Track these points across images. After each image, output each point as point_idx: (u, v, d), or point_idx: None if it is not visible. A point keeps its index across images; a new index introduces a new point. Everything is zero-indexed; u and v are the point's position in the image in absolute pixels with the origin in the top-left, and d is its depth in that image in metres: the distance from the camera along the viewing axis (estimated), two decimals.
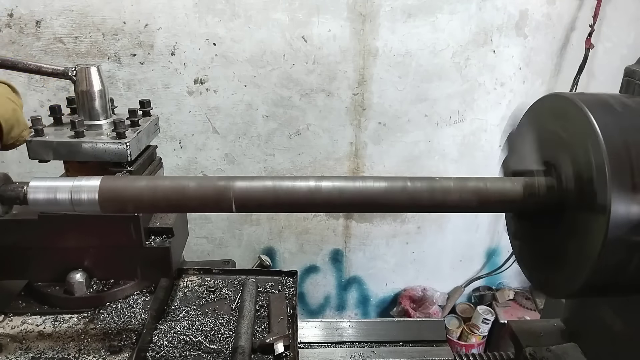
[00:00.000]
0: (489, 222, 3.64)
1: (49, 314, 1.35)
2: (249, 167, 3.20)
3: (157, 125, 1.56)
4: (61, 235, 1.33)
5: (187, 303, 1.57)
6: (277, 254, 3.51)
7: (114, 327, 1.32)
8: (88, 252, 1.38)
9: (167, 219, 1.46)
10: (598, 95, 1.00)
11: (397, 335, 1.99)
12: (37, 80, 2.82)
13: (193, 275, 1.72)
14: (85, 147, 1.32)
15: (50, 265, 1.38)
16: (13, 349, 1.24)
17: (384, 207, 1.05)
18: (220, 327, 1.46)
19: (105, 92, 1.41)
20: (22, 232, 1.31)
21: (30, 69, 1.37)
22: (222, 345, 1.39)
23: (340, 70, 3.02)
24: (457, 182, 1.00)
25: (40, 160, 1.36)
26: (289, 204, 1.00)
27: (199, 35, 2.83)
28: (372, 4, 2.88)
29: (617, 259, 0.86)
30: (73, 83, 1.38)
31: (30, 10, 2.67)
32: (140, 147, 1.43)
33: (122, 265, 1.41)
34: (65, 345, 1.26)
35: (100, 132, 1.38)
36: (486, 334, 3.62)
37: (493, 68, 3.18)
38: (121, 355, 1.24)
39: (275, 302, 1.57)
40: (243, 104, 3.03)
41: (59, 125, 1.41)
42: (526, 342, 1.31)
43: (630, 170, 0.84)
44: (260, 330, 1.48)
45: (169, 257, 1.40)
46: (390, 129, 3.22)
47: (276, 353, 1.37)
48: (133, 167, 1.36)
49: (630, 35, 3.26)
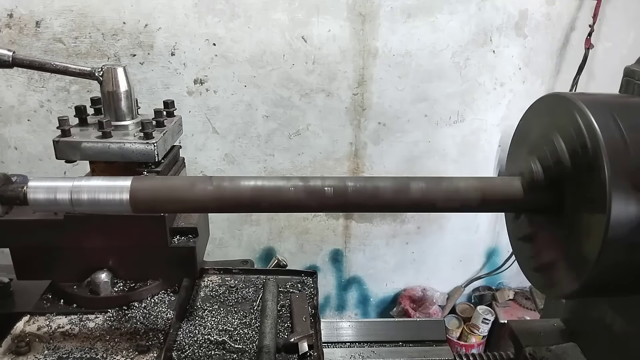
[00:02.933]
0: (489, 222, 3.64)
1: (74, 314, 1.35)
2: (249, 167, 3.20)
3: (181, 126, 1.57)
4: (86, 235, 1.33)
5: (208, 303, 1.57)
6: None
7: (141, 327, 1.32)
8: (113, 252, 1.38)
9: (191, 219, 1.46)
10: (598, 95, 1.00)
11: (397, 335, 1.99)
12: (37, 81, 2.82)
13: (213, 275, 1.72)
14: (113, 147, 1.32)
15: (75, 266, 1.38)
16: (40, 349, 1.23)
17: (384, 207, 1.05)
18: (243, 327, 1.47)
19: (131, 93, 1.41)
20: (48, 232, 1.31)
21: (58, 69, 1.37)
22: (247, 345, 1.39)
23: (340, 70, 3.02)
24: (457, 182, 1.00)
25: (67, 160, 1.36)
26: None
27: (199, 35, 2.83)
28: (372, 4, 2.89)
29: (617, 259, 0.86)
30: (100, 84, 1.38)
31: (30, 10, 2.67)
32: (166, 148, 1.43)
33: (147, 265, 1.41)
34: (92, 344, 1.26)
35: (126, 132, 1.39)
36: (486, 334, 3.62)
37: (493, 68, 3.18)
38: (149, 354, 1.23)
39: (297, 302, 1.58)
40: (243, 104, 3.03)
41: (84, 126, 1.42)
42: (526, 342, 1.31)
43: (630, 170, 0.84)
44: (283, 330, 1.48)
45: (193, 256, 1.40)
46: (390, 129, 3.22)
47: (300, 353, 1.38)
48: (160, 168, 1.36)
49: (630, 35, 3.27)
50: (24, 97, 2.85)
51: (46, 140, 2.92)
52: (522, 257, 1.15)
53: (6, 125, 2.90)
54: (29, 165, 2.98)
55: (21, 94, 2.84)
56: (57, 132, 1.35)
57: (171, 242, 1.39)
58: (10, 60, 1.31)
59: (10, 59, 1.31)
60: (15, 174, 1.09)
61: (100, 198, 0.97)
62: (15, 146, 2.96)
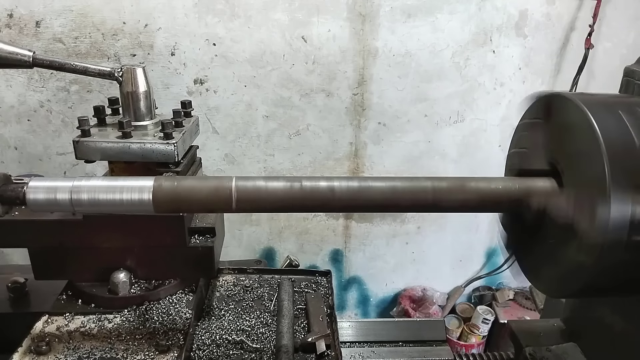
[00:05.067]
0: (489, 222, 3.64)
1: (93, 314, 1.35)
2: (249, 167, 3.20)
3: (198, 126, 1.57)
4: (105, 235, 1.33)
5: (224, 302, 1.58)
6: (277, 254, 3.51)
7: (160, 327, 1.31)
8: (131, 252, 1.38)
9: (208, 219, 1.46)
10: (598, 96, 1.00)
11: (397, 335, 1.99)
12: (37, 81, 2.82)
13: (228, 275, 1.73)
14: (133, 147, 1.33)
15: (94, 265, 1.38)
16: (61, 348, 1.23)
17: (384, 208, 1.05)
18: (260, 326, 1.47)
19: (150, 93, 1.42)
20: (67, 232, 1.31)
21: (77, 69, 1.37)
22: (265, 345, 1.40)
23: (340, 70, 3.02)
24: (457, 182, 1.00)
25: (86, 160, 1.36)
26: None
27: (199, 35, 2.83)
28: (372, 4, 2.89)
29: (617, 259, 0.86)
30: (119, 84, 1.38)
31: (30, 10, 2.67)
32: (185, 148, 1.43)
33: (165, 264, 1.41)
34: (112, 344, 1.26)
35: (145, 132, 1.39)
36: (486, 334, 3.62)
37: (493, 68, 3.18)
38: (169, 354, 1.23)
39: (313, 302, 1.58)
40: (243, 104, 3.03)
41: (103, 126, 1.42)
42: (526, 342, 1.31)
43: (630, 170, 0.84)
44: (299, 330, 1.48)
45: (212, 256, 1.40)
46: (390, 129, 3.22)
47: (318, 352, 1.38)
48: (180, 168, 1.36)
49: (630, 35, 3.27)
50: (24, 97, 2.85)
51: (46, 140, 2.92)
52: (522, 256, 1.15)
53: (6, 125, 2.90)
54: (28, 165, 2.98)
55: (21, 94, 2.84)
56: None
57: (189, 242, 1.39)
58: (30, 60, 1.31)
59: (31, 59, 1.31)
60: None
61: (100, 198, 0.96)
62: (15, 146, 2.96)
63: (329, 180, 0.99)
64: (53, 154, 2.96)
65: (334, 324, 1.48)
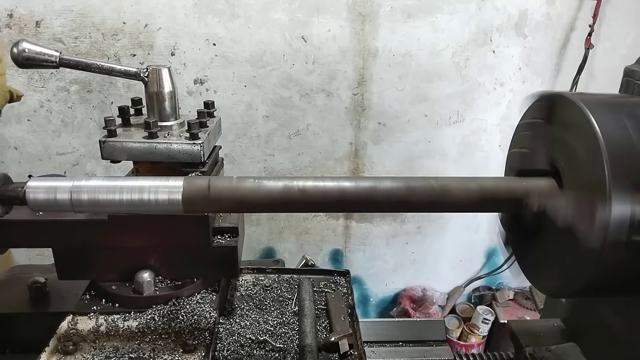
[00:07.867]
0: (489, 222, 3.64)
1: (117, 313, 1.34)
2: (249, 167, 3.20)
3: (220, 126, 1.57)
4: (130, 235, 1.33)
5: (245, 302, 1.58)
6: (277, 254, 3.51)
7: (185, 326, 1.31)
8: (155, 252, 1.38)
9: (230, 219, 1.46)
10: (598, 96, 1.00)
11: (397, 335, 1.99)
12: (37, 81, 2.82)
13: (247, 275, 1.72)
14: (159, 147, 1.32)
15: (118, 265, 1.37)
16: (87, 348, 1.22)
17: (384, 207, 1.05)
18: (282, 326, 1.47)
19: (175, 93, 1.41)
20: (91, 233, 1.31)
21: (103, 69, 1.37)
22: (288, 344, 1.40)
23: (340, 70, 3.02)
24: (457, 181, 1.00)
25: (112, 160, 1.36)
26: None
27: (199, 35, 2.83)
28: (372, 4, 2.89)
29: (617, 259, 0.86)
30: (144, 84, 1.38)
31: (30, 10, 2.67)
32: (210, 148, 1.43)
33: (189, 264, 1.41)
34: (138, 344, 1.25)
35: (171, 132, 1.39)
36: (486, 334, 3.62)
37: (493, 68, 3.18)
38: (196, 354, 1.22)
39: (334, 301, 1.58)
40: (243, 104, 3.03)
41: (127, 126, 1.42)
42: (526, 342, 1.31)
43: (630, 170, 0.84)
44: (321, 329, 1.48)
45: (235, 256, 1.40)
46: (390, 129, 3.22)
47: (341, 352, 1.37)
48: (205, 168, 1.36)
49: (630, 35, 3.27)
50: (24, 97, 2.84)
51: (46, 140, 2.92)
52: (522, 256, 1.15)
53: (6, 125, 2.90)
54: (28, 165, 2.98)
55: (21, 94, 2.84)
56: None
57: (213, 241, 1.39)
58: (57, 61, 1.32)
59: (57, 59, 1.32)
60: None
61: (100, 198, 0.96)
62: (15, 146, 2.96)
63: (335, 180, 1.00)
64: (53, 154, 2.96)
65: (356, 324, 1.48)
